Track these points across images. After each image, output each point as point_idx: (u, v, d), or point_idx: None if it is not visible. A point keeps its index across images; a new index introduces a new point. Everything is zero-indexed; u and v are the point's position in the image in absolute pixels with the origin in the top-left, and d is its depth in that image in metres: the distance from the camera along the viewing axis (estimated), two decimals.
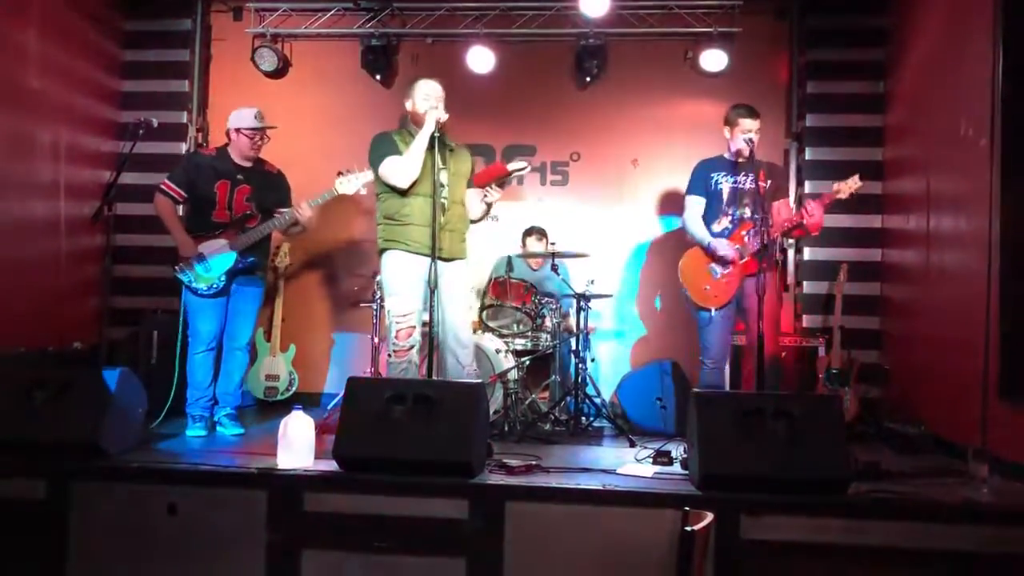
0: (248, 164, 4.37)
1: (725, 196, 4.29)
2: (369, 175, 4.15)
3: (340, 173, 4.27)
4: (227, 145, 4.40)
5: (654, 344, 5.82)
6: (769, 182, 4.25)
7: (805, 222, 4.10)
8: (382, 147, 3.95)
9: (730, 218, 4.28)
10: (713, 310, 4.22)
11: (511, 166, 3.89)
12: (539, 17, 5.76)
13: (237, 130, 4.33)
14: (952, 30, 4.46)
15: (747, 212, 4.22)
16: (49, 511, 3.01)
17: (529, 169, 3.94)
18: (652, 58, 5.85)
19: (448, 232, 3.93)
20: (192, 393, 4.27)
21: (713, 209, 4.33)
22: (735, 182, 4.30)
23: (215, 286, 4.21)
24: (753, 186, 4.14)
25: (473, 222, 4.16)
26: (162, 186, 4.27)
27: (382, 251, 3.98)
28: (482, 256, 5.36)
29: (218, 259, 4.22)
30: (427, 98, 3.92)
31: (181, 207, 4.49)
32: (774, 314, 4.29)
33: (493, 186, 3.91)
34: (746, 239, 4.16)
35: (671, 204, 5.89)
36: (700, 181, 4.39)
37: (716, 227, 4.30)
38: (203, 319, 4.27)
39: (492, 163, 3.89)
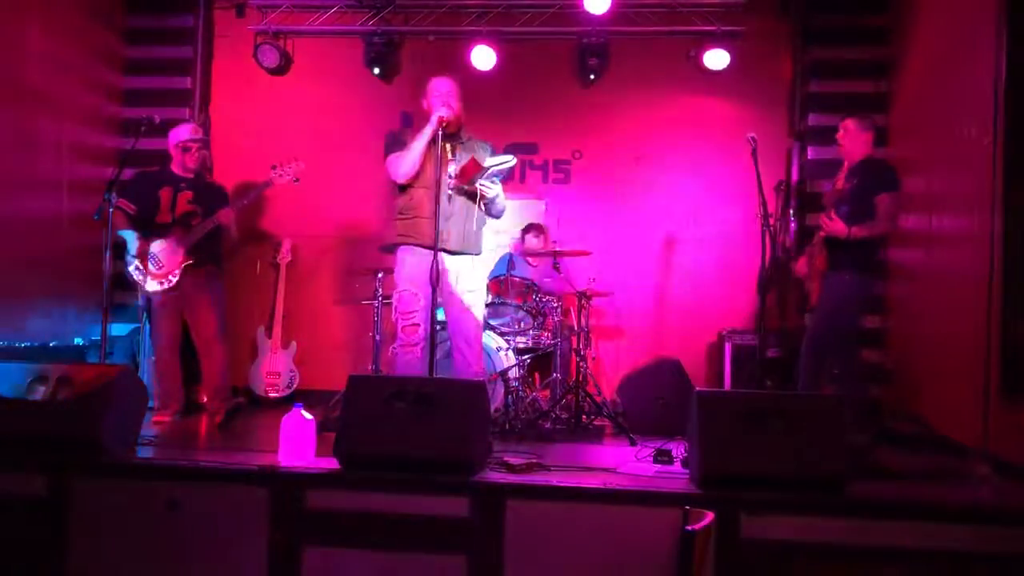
0: (190, 176, 4.62)
1: (824, 198, 4.33)
2: (301, 165, 4.59)
3: (273, 167, 4.60)
4: (170, 162, 4.67)
5: (655, 342, 5.83)
6: (855, 180, 4.22)
7: (828, 230, 4.12)
8: (390, 143, 4.04)
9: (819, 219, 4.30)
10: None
11: (487, 162, 3.86)
12: (541, 15, 5.76)
13: (175, 146, 4.60)
14: (955, 29, 4.45)
15: (829, 211, 4.23)
16: (49, 507, 3.01)
17: (513, 162, 3.92)
18: (654, 56, 5.85)
19: (456, 224, 3.94)
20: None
21: None
22: (832, 183, 4.32)
23: (167, 282, 4.41)
24: (845, 186, 4.19)
25: (491, 215, 4.14)
26: (118, 204, 4.39)
27: (396, 246, 4.03)
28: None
29: (168, 256, 4.43)
30: (438, 96, 3.95)
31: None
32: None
33: (481, 182, 3.88)
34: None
35: (673, 202, 5.90)
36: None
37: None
38: (160, 320, 4.51)
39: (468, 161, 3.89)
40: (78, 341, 5.00)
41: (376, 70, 5.88)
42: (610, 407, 4.93)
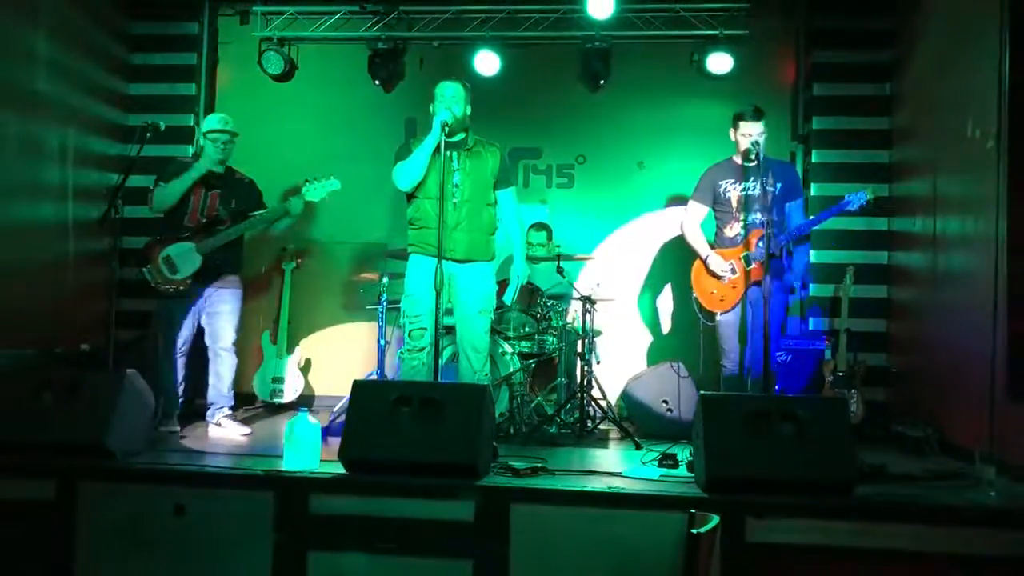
0: (220, 170, 4.45)
1: (735, 203, 4.27)
2: (335, 183, 4.45)
3: (307, 181, 4.46)
4: (201, 151, 4.48)
5: (660, 346, 5.82)
6: (779, 185, 4.23)
7: None
8: (399, 152, 4.09)
9: (742, 223, 4.26)
10: (719, 314, 4.27)
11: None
12: (545, 20, 5.77)
13: (204, 134, 4.42)
14: (959, 31, 4.44)
15: (758, 217, 4.20)
16: (57, 511, 3.02)
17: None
18: (658, 61, 5.85)
19: (463, 233, 3.94)
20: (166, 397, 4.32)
21: (724, 215, 4.32)
22: (744, 188, 4.28)
23: (179, 288, 4.29)
24: (762, 191, 4.15)
25: None
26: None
27: (408, 253, 4.11)
28: None
29: (184, 262, 4.30)
30: (440, 100, 3.96)
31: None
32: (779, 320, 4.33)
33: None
34: (759, 245, 4.14)
35: (676, 205, 5.89)
36: (705, 188, 4.39)
37: (729, 232, 4.30)
38: (171, 323, 4.37)
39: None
40: (84, 347, 5.01)
41: (380, 76, 5.88)
42: (615, 411, 4.92)
